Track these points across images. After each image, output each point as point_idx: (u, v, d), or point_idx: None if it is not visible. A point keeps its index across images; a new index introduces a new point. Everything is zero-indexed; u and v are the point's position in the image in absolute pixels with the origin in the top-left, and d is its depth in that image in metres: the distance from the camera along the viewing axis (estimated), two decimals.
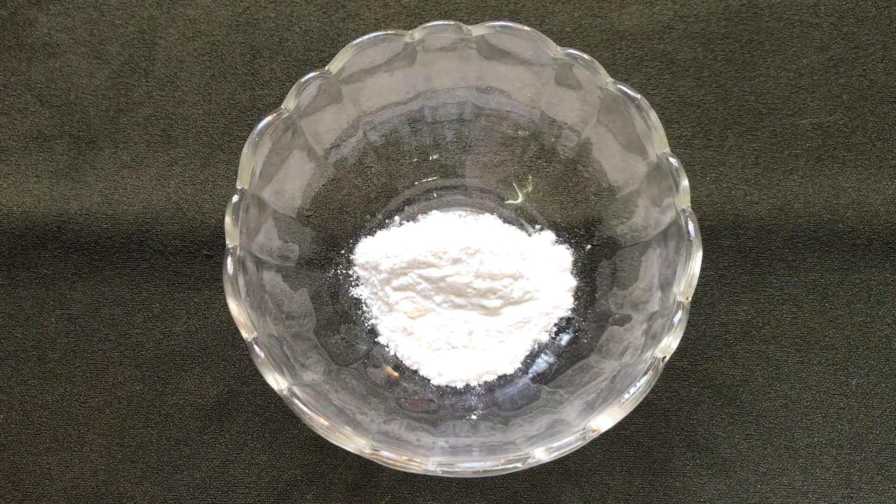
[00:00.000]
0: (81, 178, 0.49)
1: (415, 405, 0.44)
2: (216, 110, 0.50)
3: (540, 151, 0.47)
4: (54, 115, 0.50)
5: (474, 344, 0.46)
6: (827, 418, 0.47)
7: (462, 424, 0.43)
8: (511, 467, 0.36)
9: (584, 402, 0.40)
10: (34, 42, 0.51)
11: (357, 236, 0.48)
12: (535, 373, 0.46)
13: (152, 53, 0.51)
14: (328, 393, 0.40)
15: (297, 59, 0.51)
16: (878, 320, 0.48)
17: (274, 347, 0.39)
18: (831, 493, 0.46)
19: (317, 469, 0.46)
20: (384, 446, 0.36)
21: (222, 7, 0.52)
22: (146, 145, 0.50)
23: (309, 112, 0.42)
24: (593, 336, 0.45)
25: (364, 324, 0.47)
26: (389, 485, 0.46)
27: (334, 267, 0.47)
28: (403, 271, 0.45)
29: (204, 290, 0.48)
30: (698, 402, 0.47)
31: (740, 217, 0.48)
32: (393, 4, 0.52)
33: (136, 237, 0.49)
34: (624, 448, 0.46)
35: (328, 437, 0.36)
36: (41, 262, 0.48)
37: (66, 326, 0.48)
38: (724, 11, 0.51)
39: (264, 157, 0.40)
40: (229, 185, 0.49)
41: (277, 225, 0.43)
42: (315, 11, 0.51)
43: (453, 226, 0.47)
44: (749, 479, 0.46)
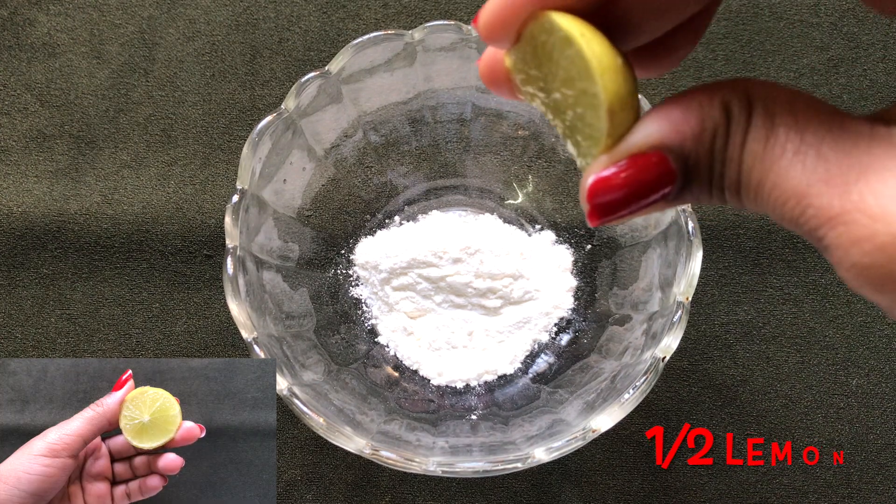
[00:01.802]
0: (81, 178, 0.49)
1: (415, 405, 0.44)
2: (216, 110, 0.50)
3: (540, 151, 0.47)
4: (54, 115, 0.50)
5: (474, 344, 0.46)
6: (827, 418, 0.47)
7: (462, 424, 0.43)
8: (511, 467, 0.36)
9: (584, 402, 0.40)
10: (34, 42, 0.51)
11: (357, 236, 0.48)
12: (535, 373, 0.46)
13: (152, 53, 0.51)
14: (328, 393, 0.40)
15: (297, 59, 0.51)
16: (878, 320, 0.48)
17: (274, 347, 0.39)
18: (831, 493, 0.46)
19: (317, 469, 0.46)
20: (384, 446, 0.36)
21: (222, 7, 0.52)
22: (146, 145, 0.50)
23: (309, 112, 0.42)
24: (593, 336, 0.45)
25: (364, 324, 0.47)
26: (389, 485, 0.46)
27: (334, 267, 0.47)
28: (403, 271, 0.45)
29: (204, 290, 0.48)
30: (698, 402, 0.47)
31: (740, 217, 0.48)
32: (393, 4, 0.52)
33: (135, 237, 0.49)
34: (624, 448, 0.46)
35: (328, 437, 0.36)
36: (41, 262, 0.48)
37: (65, 326, 0.48)
38: (724, 11, 0.51)
39: (264, 156, 0.40)
40: (229, 185, 0.49)
41: (277, 225, 0.43)
42: (315, 11, 0.51)
43: (453, 226, 0.47)
44: (749, 479, 0.46)
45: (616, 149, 0.19)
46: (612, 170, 0.19)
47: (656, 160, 0.19)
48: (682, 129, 0.19)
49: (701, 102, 0.19)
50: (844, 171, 0.18)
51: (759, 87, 0.19)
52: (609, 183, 0.20)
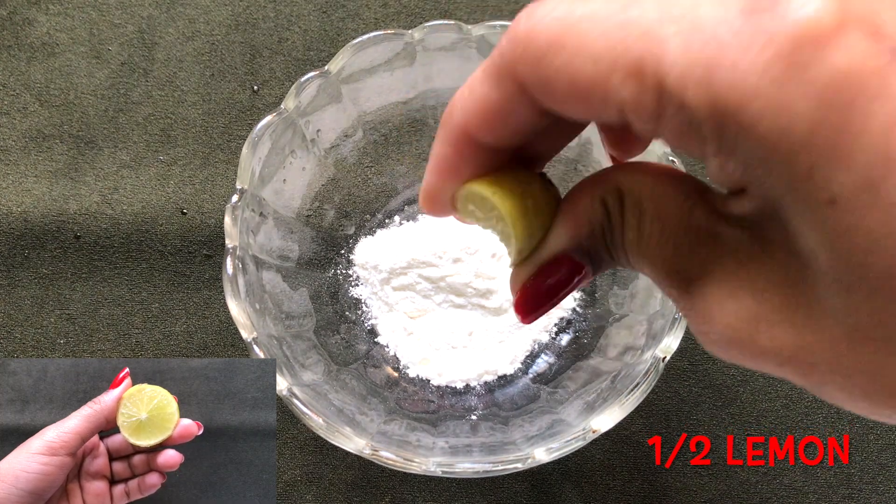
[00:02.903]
0: (81, 178, 0.49)
1: (415, 405, 0.44)
2: (216, 110, 0.50)
3: None
4: (53, 114, 0.50)
5: (474, 344, 0.46)
6: (827, 418, 0.47)
7: (462, 425, 0.43)
8: (511, 468, 0.36)
9: (584, 402, 0.40)
10: (33, 42, 0.51)
11: (357, 236, 0.48)
12: (535, 373, 0.46)
13: (152, 53, 0.51)
14: (328, 393, 0.40)
15: (297, 58, 0.51)
16: None
17: (273, 348, 0.39)
18: (831, 493, 0.46)
19: (317, 469, 0.46)
20: (384, 446, 0.36)
21: (222, 7, 0.51)
22: (145, 145, 0.50)
23: (309, 112, 0.42)
24: (593, 336, 0.45)
25: (364, 324, 0.47)
26: (389, 485, 0.46)
27: (334, 267, 0.47)
28: (403, 271, 0.45)
29: (203, 290, 0.48)
30: (698, 402, 0.47)
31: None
32: (393, 4, 0.51)
33: (135, 237, 0.48)
34: (624, 448, 0.46)
35: (328, 437, 0.36)
36: (40, 262, 0.48)
37: (65, 327, 0.48)
38: None
39: (264, 156, 0.40)
40: (229, 184, 0.49)
41: (277, 225, 0.43)
42: (315, 11, 0.51)
43: (453, 225, 0.47)
44: (749, 479, 0.46)
45: (531, 260, 0.23)
46: (532, 280, 0.23)
47: (566, 263, 0.23)
48: (578, 232, 0.22)
49: (585, 204, 0.22)
50: (689, 266, 0.20)
51: (627, 179, 0.21)
52: (532, 292, 0.23)
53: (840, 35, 0.15)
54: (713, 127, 0.16)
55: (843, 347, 0.16)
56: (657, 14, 0.17)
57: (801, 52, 0.15)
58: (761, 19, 0.15)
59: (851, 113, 0.14)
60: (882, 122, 0.14)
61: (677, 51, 0.16)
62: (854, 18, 0.15)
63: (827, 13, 0.15)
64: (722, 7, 0.16)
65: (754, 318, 0.18)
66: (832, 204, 0.15)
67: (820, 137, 0.15)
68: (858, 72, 0.15)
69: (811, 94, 0.15)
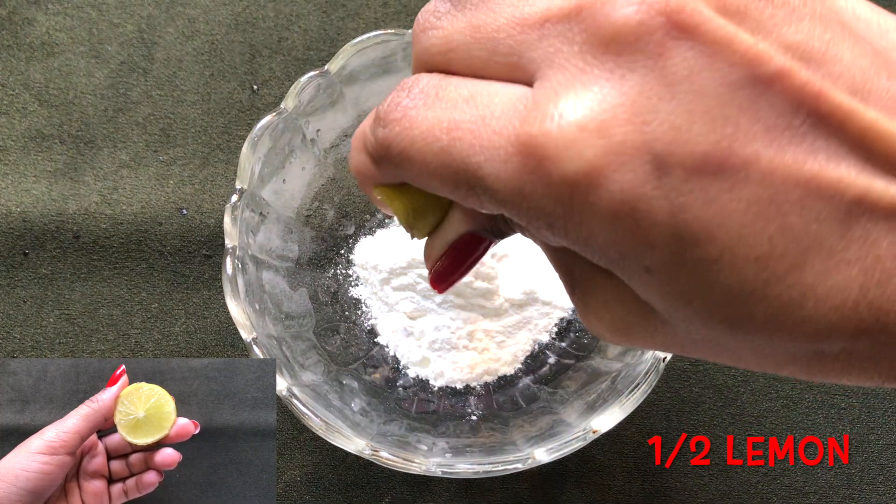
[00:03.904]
0: (80, 178, 0.49)
1: (414, 406, 0.44)
2: (215, 109, 0.50)
3: None
4: (53, 114, 0.50)
5: (474, 344, 0.46)
6: (827, 418, 0.47)
7: (462, 425, 0.43)
8: (511, 468, 0.36)
9: (584, 402, 0.40)
10: (33, 41, 0.51)
11: (357, 236, 0.48)
12: (535, 373, 0.45)
13: (151, 53, 0.51)
14: (327, 393, 0.40)
15: (297, 58, 0.51)
16: None
17: (273, 348, 0.39)
18: (831, 493, 0.46)
19: (317, 469, 0.46)
20: (384, 447, 0.36)
21: (221, 6, 0.51)
22: (145, 145, 0.50)
23: (309, 111, 0.42)
24: (593, 336, 0.44)
25: (364, 324, 0.47)
26: (389, 485, 0.46)
27: (334, 267, 0.47)
28: (403, 271, 0.45)
29: (203, 290, 0.48)
30: (698, 402, 0.47)
31: None
32: (393, 4, 0.51)
33: (134, 237, 0.48)
34: (624, 448, 0.46)
35: (328, 437, 0.36)
36: (40, 262, 0.48)
37: (64, 327, 0.48)
38: None
39: (264, 156, 0.40)
40: (229, 184, 0.49)
41: (277, 225, 0.43)
42: (315, 11, 0.51)
43: None
44: (749, 479, 0.46)
45: (440, 238, 0.26)
46: (443, 259, 0.27)
47: (471, 240, 0.25)
48: (477, 213, 0.24)
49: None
50: (573, 270, 0.24)
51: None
52: (443, 267, 0.27)
53: (610, 175, 0.18)
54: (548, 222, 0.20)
55: (689, 348, 0.22)
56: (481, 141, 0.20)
57: (580, 187, 0.19)
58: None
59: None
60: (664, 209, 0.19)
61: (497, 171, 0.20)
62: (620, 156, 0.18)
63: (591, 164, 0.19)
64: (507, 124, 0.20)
65: (626, 326, 0.22)
66: (649, 272, 0.19)
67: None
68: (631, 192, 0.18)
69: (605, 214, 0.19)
